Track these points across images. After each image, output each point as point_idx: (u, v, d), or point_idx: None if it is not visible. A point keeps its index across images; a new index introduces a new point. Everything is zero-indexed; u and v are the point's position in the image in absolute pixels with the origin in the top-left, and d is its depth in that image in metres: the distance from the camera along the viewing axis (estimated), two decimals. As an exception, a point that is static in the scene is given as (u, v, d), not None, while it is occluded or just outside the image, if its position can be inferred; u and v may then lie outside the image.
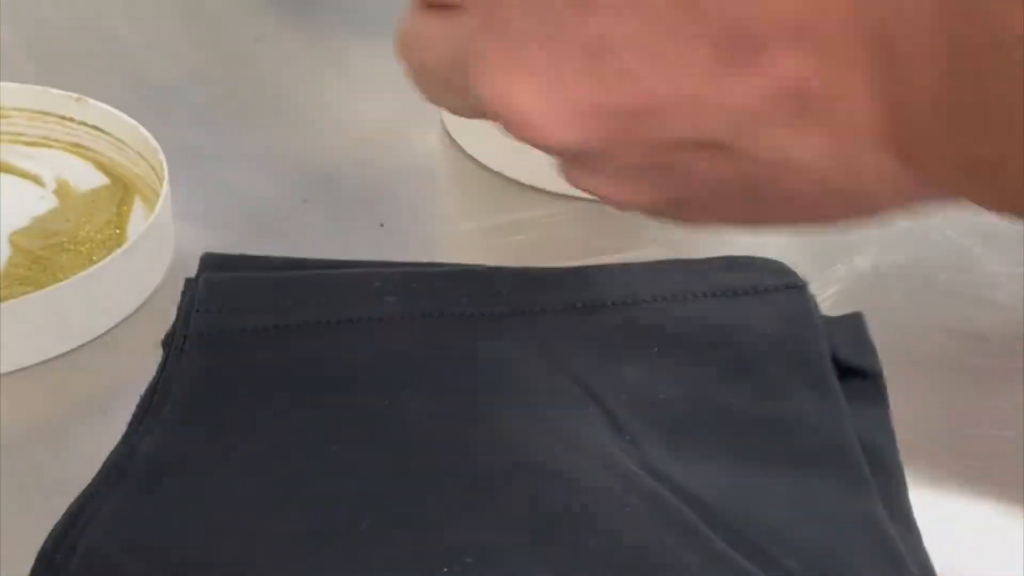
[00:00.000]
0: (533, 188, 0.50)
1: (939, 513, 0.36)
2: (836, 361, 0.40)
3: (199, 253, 0.44)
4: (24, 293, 0.41)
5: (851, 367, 0.40)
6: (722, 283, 0.42)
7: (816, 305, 0.42)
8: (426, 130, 0.55)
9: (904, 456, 0.38)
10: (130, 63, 0.60)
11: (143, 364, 0.40)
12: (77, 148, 0.51)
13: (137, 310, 0.44)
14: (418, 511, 0.34)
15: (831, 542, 0.33)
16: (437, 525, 0.34)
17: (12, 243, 0.46)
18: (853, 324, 0.41)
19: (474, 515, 0.34)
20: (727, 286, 0.42)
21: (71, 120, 0.50)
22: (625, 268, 0.43)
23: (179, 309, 0.41)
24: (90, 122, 0.50)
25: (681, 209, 0.29)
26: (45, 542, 0.33)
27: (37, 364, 0.41)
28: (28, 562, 0.33)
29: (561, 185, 0.49)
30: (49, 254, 0.45)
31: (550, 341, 0.40)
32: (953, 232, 0.48)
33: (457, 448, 0.36)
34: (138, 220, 0.47)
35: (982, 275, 0.45)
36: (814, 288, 0.43)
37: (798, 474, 0.36)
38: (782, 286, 0.42)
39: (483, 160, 0.52)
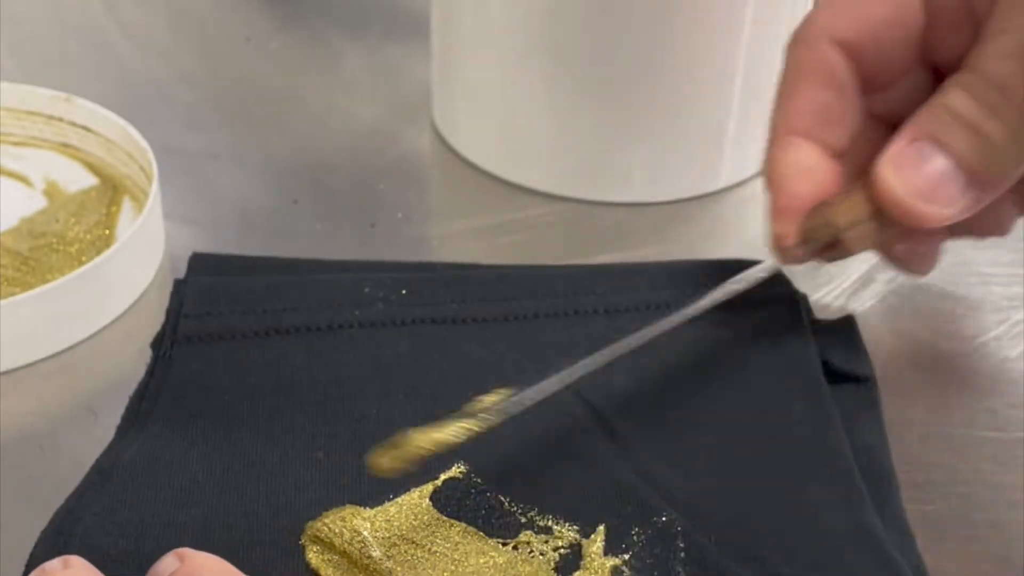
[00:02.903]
0: (524, 188, 0.50)
1: (934, 517, 0.36)
2: (828, 366, 0.40)
3: (189, 254, 0.44)
4: (12, 294, 0.41)
5: (844, 372, 0.40)
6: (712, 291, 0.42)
7: (808, 311, 0.42)
8: (417, 130, 0.55)
9: (899, 459, 0.38)
10: (119, 63, 0.60)
11: (133, 365, 0.40)
12: (66, 148, 0.50)
13: (127, 311, 0.43)
14: None
15: (824, 549, 0.33)
16: None
17: (0, 244, 0.46)
18: (845, 328, 0.42)
19: None
20: (719, 293, 0.41)
21: (59, 120, 0.50)
22: (617, 273, 0.43)
23: (167, 312, 0.41)
24: (79, 122, 0.50)
25: None
26: (34, 547, 0.33)
27: (26, 365, 0.41)
28: (19, 562, 0.32)
29: (553, 185, 0.50)
30: (38, 255, 0.45)
31: (541, 347, 0.40)
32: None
33: (446, 457, 0.36)
34: (127, 221, 0.47)
35: (976, 276, 0.45)
36: (806, 290, 0.43)
37: (789, 482, 0.36)
38: (774, 293, 0.41)
39: (474, 160, 0.52)
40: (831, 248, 0.38)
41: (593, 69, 0.47)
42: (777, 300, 0.41)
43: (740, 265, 0.42)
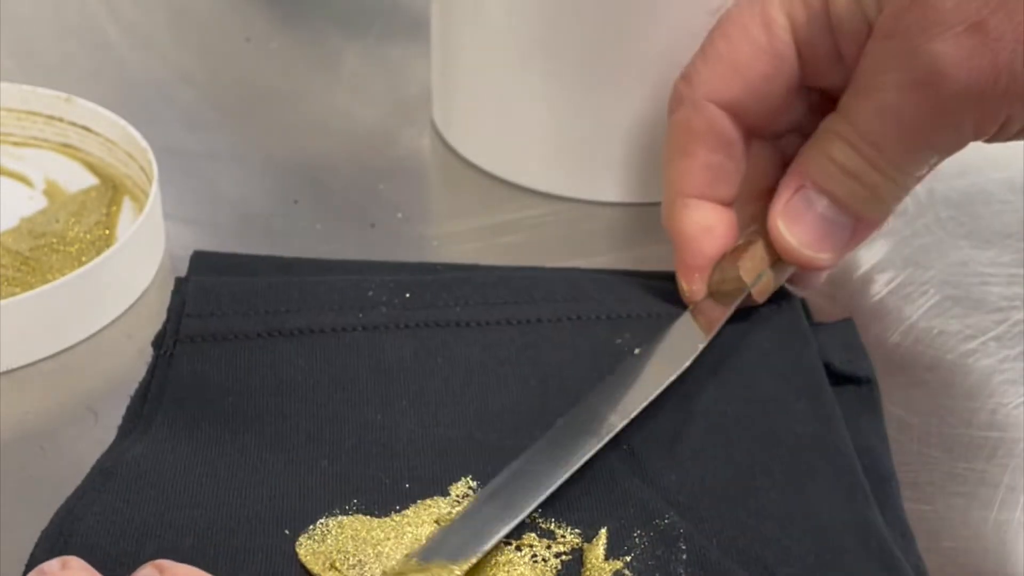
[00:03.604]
0: (524, 188, 0.50)
1: (934, 517, 0.37)
2: (829, 368, 0.40)
3: (189, 254, 0.44)
4: (13, 294, 0.41)
5: (844, 374, 0.40)
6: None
7: (808, 314, 0.42)
8: (417, 130, 0.55)
9: (898, 459, 0.38)
10: (119, 63, 0.60)
11: (133, 365, 0.40)
12: (66, 148, 0.50)
13: (127, 311, 0.44)
14: None
15: (827, 550, 0.33)
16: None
17: (0, 244, 0.46)
18: (845, 331, 0.42)
19: None
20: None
21: (60, 120, 0.50)
22: (619, 278, 0.43)
23: (169, 310, 0.41)
24: (79, 122, 0.50)
25: None
26: (34, 547, 0.33)
27: (27, 365, 0.41)
28: (19, 562, 0.32)
29: (552, 185, 0.50)
30: (38, 255, 0.45)
31: (546, 354, 0.40)
32: (946, 233, 0.48)
33: (451, 461, 0.36)
34: (127, 221, 0.47)
35: (976, 276, 0.45)
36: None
37: (793, 483, 0.36)
38: (774, 306, 0.42)
39: (474, 160, 0.52)
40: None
41: (592, 69, 0.47)
42: (777, 302, 0.41)
43: None
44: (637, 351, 0.40)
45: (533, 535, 0.34)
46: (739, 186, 0.41)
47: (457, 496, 0.35)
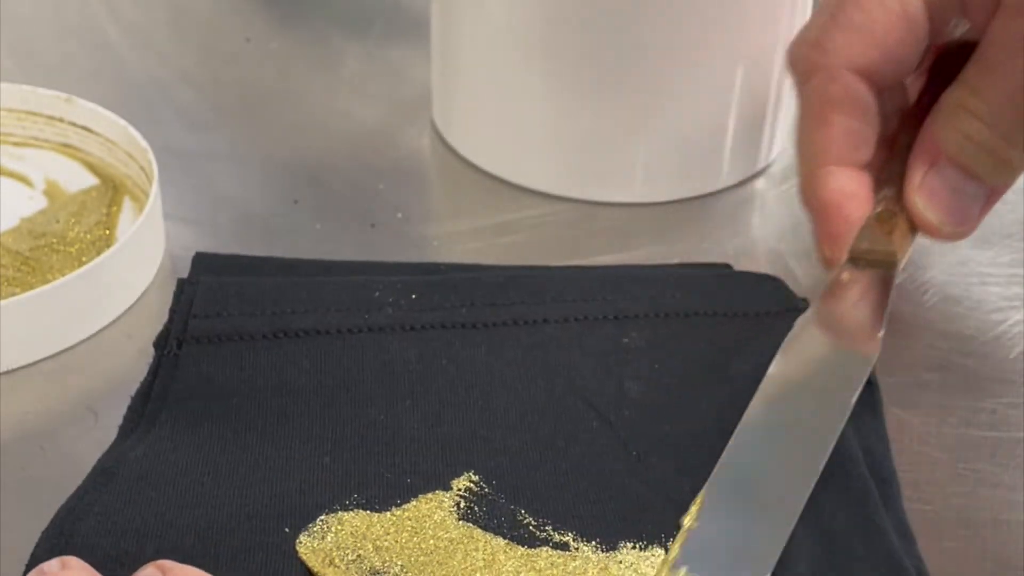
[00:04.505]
0: (524, 188, 0.50)
1: (934, 517, 0.37)
2: None
3: (189, 254, 0.44)
4: (13, 294, 0.41)
5: None
6: (722, 303, 0.42)
7: None
8: (417, 130, 0.55)
9: (899, 459, 0.38)
10: (119, 63, 0.60)
11: (133, 365, 0.40)
12: (66, 148, 0.50)
13: (127, 311, 0.44)
14: None
15: (837, 552, 0.34)
16: None
17: (0, 244, 0.46)
18: None
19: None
20: (727, 306, 0.42)
21: (60, 120, 0.50)
22: (625, 279, 0.43)
23: (172, 310, 0.41)
24: (79, 122, 0.50)
25: None
26: (35, 547, 0.33)
27: (27, 366, 0.41)
28: (19, 562, 0.32)
29: (552, 185, 0.50)
30: (38, 255, 0.45)
31: (552, 354, 0.40)
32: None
33: (453, 458, 0.36)
34: (128, 221, 0.47)
35: (976, 276, 0.45)
36: (806, 293, 0.43)
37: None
38: (781, 310, 0.41)
39: (474, 160, 0.52)
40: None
41: (593, 69, 0.47)
42: (784, 309, 0.41)
43: (742, 279, 0.44)
44: (775, 358, 0.38)
45: (547, 549, 0.33)
46: (875, 148, 0.41)
47: (459, 490, 0.35)
